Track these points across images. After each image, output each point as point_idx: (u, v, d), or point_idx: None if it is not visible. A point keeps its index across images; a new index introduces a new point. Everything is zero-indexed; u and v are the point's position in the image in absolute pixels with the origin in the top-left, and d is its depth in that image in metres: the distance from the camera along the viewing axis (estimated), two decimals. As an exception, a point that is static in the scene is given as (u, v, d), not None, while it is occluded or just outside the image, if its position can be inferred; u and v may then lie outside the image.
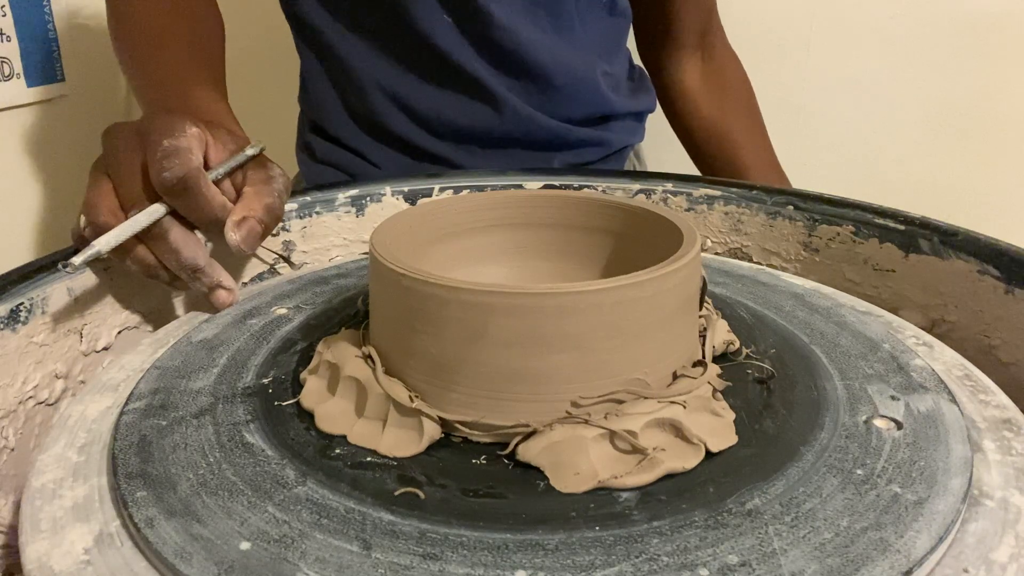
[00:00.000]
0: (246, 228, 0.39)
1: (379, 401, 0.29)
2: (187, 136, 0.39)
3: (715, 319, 0.34)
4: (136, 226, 0.37)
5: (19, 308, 0.35)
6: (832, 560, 0.22)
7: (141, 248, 0.39)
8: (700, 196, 0.53)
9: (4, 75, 0.81)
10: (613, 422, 0.26)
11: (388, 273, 0.29)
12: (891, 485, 0.25)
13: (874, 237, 0.46)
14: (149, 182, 0.38)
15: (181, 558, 0.22)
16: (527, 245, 0.39)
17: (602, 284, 0.26)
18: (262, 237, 0.41)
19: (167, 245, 0.38)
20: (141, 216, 0.37)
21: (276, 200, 0.42)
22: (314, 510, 0.24)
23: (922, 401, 0.30)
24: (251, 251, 0.40)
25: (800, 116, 1.00)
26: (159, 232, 0.38)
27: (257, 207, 0.40)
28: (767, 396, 0.31)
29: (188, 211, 0.39)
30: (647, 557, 0.22)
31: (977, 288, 0.40)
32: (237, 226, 0.39)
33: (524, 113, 0.64)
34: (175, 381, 0.33)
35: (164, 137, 0.38)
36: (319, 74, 0.67)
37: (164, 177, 0.37)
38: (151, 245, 0.39)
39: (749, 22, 0.97)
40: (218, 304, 0.41)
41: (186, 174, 0.37)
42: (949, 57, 0.94)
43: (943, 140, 0.98)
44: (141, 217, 0.37)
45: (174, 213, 0.39)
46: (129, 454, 0.28)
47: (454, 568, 0.22)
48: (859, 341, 0.35)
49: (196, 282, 0.40)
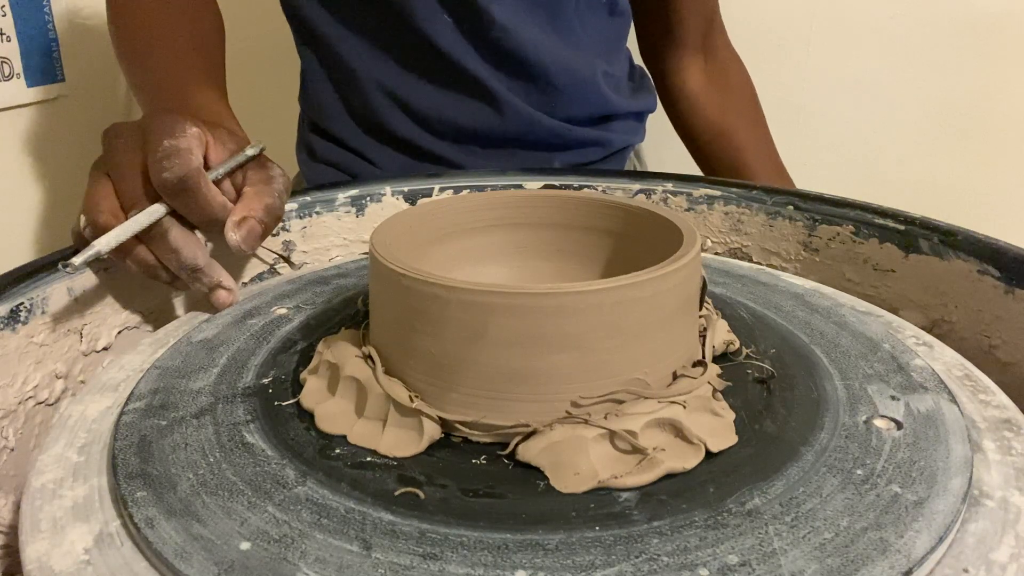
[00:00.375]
0: (246, 228, 0.39)
1: (379, 401, 0.29)
2: (187, 136, 0.39)
3: (715, 319, 0.34)
4: (136, 226, 0.37)
5: (19, 308, 0.35)
6: (832, 560, 0.22)
7: (141, 248, 0.39)
8: (700, 196, 0.53)
9: (4, 75, 0.81)
10: (613, 422, 0.26)
11: (388, 273, 0.29)
12: (891, 485, 0.25)
13: (874, 237, 0.46)
14: (149, 182, 0.38)
15: (181, 558, 0.22)
16: (527, 245, 0.39)
17: (602, 284, 0.26)
18: (262, 237, 0.41)
19: (167, 245, 0.38)
20: (141, 216, 0.37)
21: (276, 200, 0.42)
22: (314, 510, 0.24)
23: (922, 401, 0.30)
24: (251, 251, 0.40)
25: (800, 116, 1.00)
26: (159, 232, 0.38)
27: (257, 207, 0.40)
28: (767, 396, 0.31)
29: (188, 211, 0.39)
30: (647, 557, 0.22)
31: (977, 288, 0.40)
32: (237, 226, 0.39)
33: (525, 113, 0.64)
34: (175, 381, 0.33)
35: (164, 137, 0.38)
36: (319, 74, 0.67)
37: (164, 177, 0.37)
38: (151, 245, 0.39)
39: (749, 22, 0.97)
40: (218, 304, 0.41)
41: (186, 174, 0.37)
42: (949, 57, 0.94)
43: (943, 140, 0.98)
44: (141, 217, 0.37)
45: (174, 213, 0.39)
46: (129, 454, 0.28)
47: (454, 568, 0.22)
48: (859, 341, 0.35)
49: (196, 282, 0.40)
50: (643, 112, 0.76)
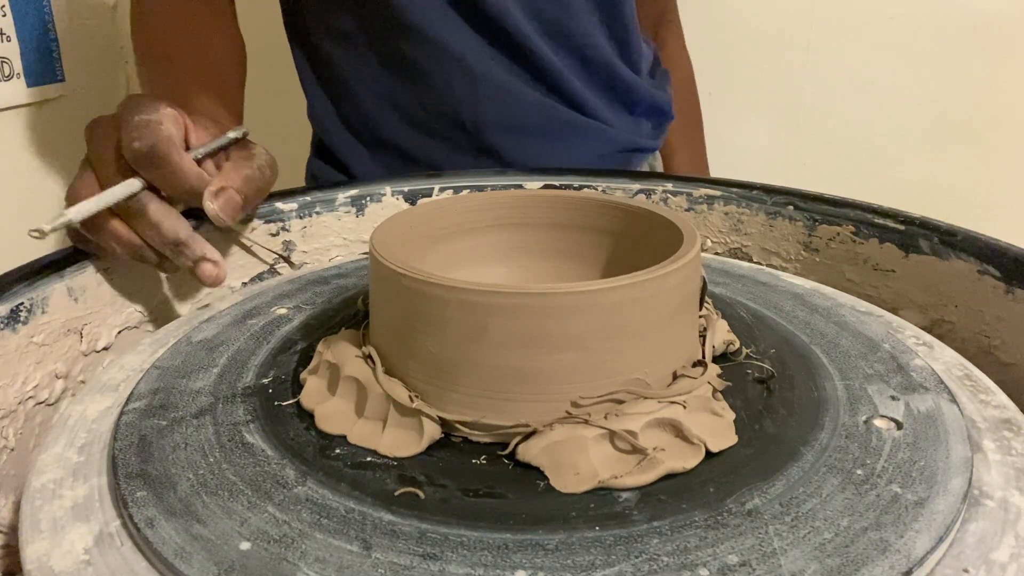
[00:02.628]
0: (224, 197, 0.39)
1: (379, 401, 0.29)
2: (159, 113, 0.39)
3: (715, 319, 0.34)
4: (111, 197, 0.36)
5: (19, 308, 0.35)
6: (832, 560, 0.22)
7: (122, 227, 0.38)
8: (700, 196, 0.53)
9: (4, 75, 0.81)
10: (613, 422, 0.26)
11: (388, 273, 0.29)
12: (891, 485, 0.25)
13: (874, 237, 0.46)
14: (125, 161, 0.38)
15: (181, 558, 0.22)
16: (527, 245, 0.39)
17: (602, 284, 0.26)
18: (244, 209, 0.40)
19: (147, 220, 0.38)
20: (116, 188, 0.37)
21: (256, 172, 0.41)
22: (314, 510, 0.24)
23: (922, 401, 0.30)
24: (232, 221, 0.40)
25: (800, 116, 1.00)
26: (138, 208, 0.38)
27: (235, 177, 0.40)
28: (767, 396, 0.31)
29: (162, 181, 0.38)
30: (647, 557, 0.22)
31: (977, 288, 0.40)
32: (215, 196, 0.39)
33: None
34: (175, 381, 0.33)
35: (136, 114, 0.38)
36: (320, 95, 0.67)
37: (134, 147, 0.37)
38: (132, 223, 0.38)
39: (749, 22, 0.97)
40: (205, 278, 0.40)
41: (155, 142, 0.37)
42: (949, 57, 0.94)
43: (943, 140, 0.98)
44: (116, 189, 0.37)
45: (155, 191, 0.38)
46: (129, 454, 0.28)
47: (454, 568, 0.22)
48: (859, 341, 0.35)
49: (180, 256, 0.39)
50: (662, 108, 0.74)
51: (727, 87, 0.98)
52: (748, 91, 1.00)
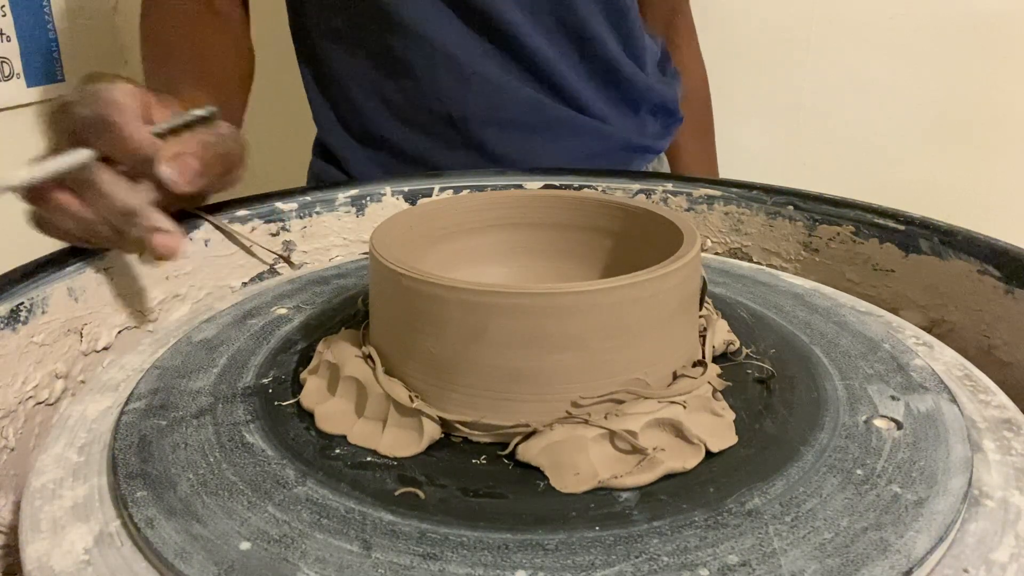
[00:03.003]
0: (179, 162, 0.37)
1: (379, 401, 0.29)
2: (114, 83, 0.37)
3: (715, 319, 0.34)
4: (56, 166, 0.35)
5: (19, 308, 0.35)
6: (832, 560, 0.22)
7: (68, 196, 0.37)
8: (700, 196, 0.53)
9: (4, 75, 0.81)
10: (613, 422, 0.26)
11: (388, 273, 0.29)
12: (891, 485, 0.25)
13: (874, 237, 0.46)
14: (77, 133, 0.37)
15: (181, 558, 0.22)
16: (527, 245, 0.39)
17: (602, 284, 0.26)
18: (202, 174, 0.39)
19: (98, 190, 0.37)
20: (63, 156, 0.36)
21: (216, 139, 0.40)
22: (314, 510, 0.24)
23: (922, 401, 0.30)
24: (189, 187, 0.38)
25: (800, 116, 1.00)
26: (89, 178, 0.36)
27: (191, 143, 0.38)
28: (767, 396, 0.31)
29: (113, 149, 0.37)
30: (647, 557, 0.22)
31: (977, 288, 0.40)
32: (169, 160, 0.37)
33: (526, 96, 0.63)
34: (175, 381, 0.33)
35: (89, 84, 0.37)
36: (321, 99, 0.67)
37: (82, 112, 0.36)
38: (83, 195, 0.37)
39: (749, 22, 0.97)
40: (160, 251, 0.38)
41: (104, 107, 0.36)
42: (949, 57, 0.94)
43: (943, 140, 0.98)
44: (63, 157, 0.36)
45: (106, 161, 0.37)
46: (129, 454, 0.28)
47: (454, 568, 0.22)
48: (859, 341, 0.35)
49: (132, 227, 0.37)
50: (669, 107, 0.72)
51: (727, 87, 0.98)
52: (748, 91, 1.00)
